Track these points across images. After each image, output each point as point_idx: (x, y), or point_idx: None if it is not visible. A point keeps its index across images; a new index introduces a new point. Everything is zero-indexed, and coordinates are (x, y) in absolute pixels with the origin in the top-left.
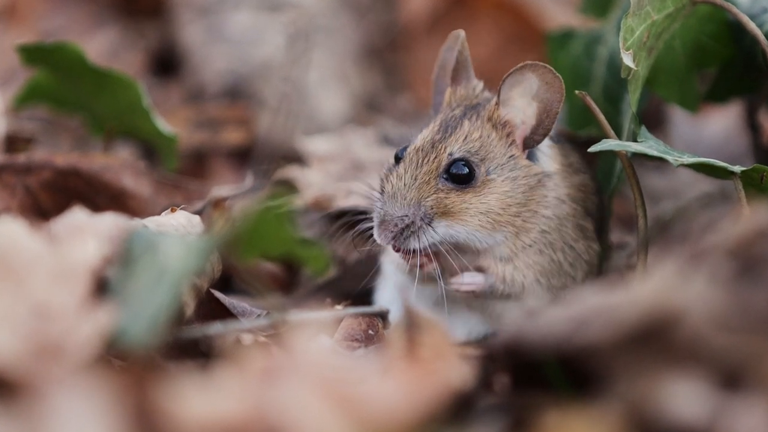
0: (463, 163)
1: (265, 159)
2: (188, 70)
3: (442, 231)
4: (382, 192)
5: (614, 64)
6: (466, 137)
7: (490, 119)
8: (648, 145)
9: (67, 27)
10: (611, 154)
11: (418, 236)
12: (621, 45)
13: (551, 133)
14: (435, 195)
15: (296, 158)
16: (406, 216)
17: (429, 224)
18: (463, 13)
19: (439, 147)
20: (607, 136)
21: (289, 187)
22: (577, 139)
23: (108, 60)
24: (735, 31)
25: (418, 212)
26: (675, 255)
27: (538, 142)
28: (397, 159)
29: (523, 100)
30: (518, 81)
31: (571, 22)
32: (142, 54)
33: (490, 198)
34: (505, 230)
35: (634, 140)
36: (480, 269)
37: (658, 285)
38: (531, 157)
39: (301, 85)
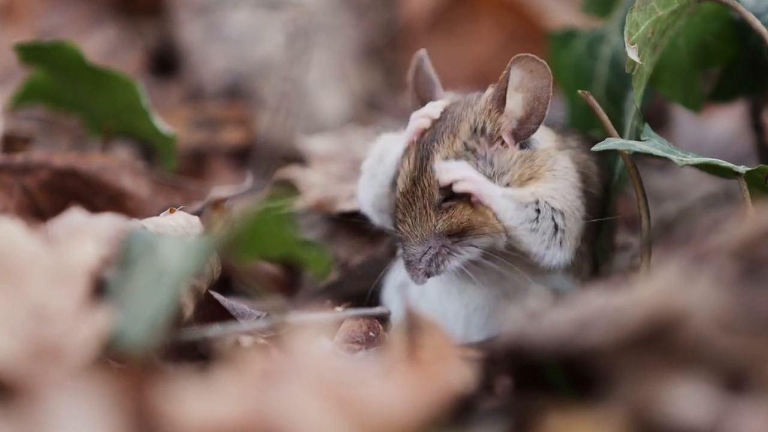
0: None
1: (264, 159)
2: (187, 69)
3: (470, 246)
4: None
5: (617, 64)
6: (446, 157)
7: (472, 128)
8: (652, 144)
9: (64, 25)
10: (613, 154)
11: (449, 259)
12: (626, 39)
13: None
14: (442, 223)
15: (296, 158)
16: (426, 253)
17: (452, 244)
18: (464, 12)
19: (422, 182)
20: (610, 136)
21: (289, 187)
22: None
23: (106, 59)
24: (740, 29)
25: (438, 244)
26: (678, 256)
27: (533, 130)
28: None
29: (508, 92)
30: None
31: (574, 21)
32: (141, 53)
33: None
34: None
35: (638, 138)
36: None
37: (661, 286)
38: (526, 144)
39: (300, 84)
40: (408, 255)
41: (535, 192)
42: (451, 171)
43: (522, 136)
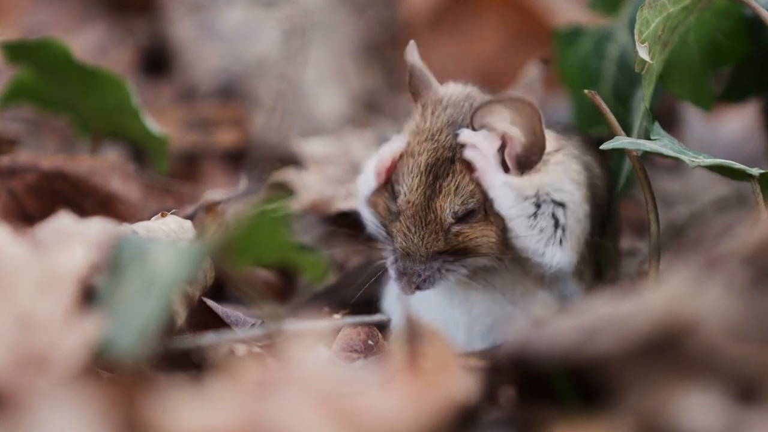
0: (465, 209)
1: (259, 161)
2: (179, 68)
3: (468, 261)
4: (391, 238)
5: (625, 63)
6: (458, 187)
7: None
8: (662, 143)
9: (52, 23)
10: (620, 155)
11: (445, 275)
12: (636, 37)
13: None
14: (448, 244)
15: (292, 160)
16: (425, 270)
17: (453, 262)
18: (467, 9)
19: (435, 206)
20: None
21: (285, 190)
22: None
23: (95, 57)
24: (753, 27)
25: (437, 263)
26: (689, 262)
27: (536, 161)
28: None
29: (502, 123)
30: (486, 114)
31: (580, 18)
32: (131, 51)
33: (491, 230)
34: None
35: (647, 138)
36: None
37: (671, 293)
38: None
39: (297, 83)
40: (405, 268)
41: (537, 183)
42: (472, 137)
43: (526, 165)
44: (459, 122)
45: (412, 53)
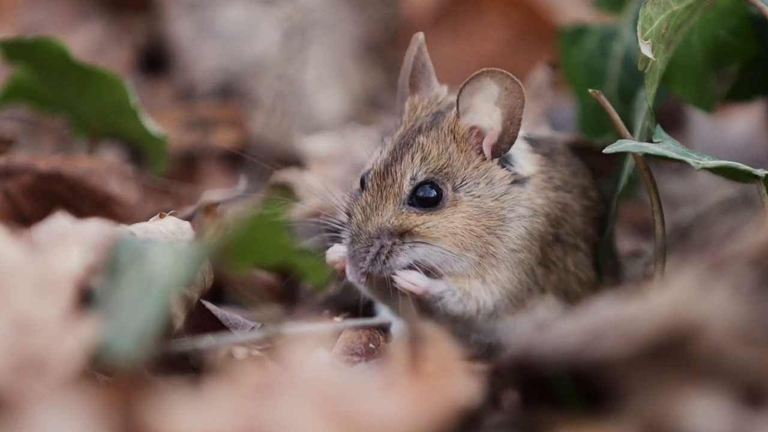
0: (429, 185)
1: (259, 161)
2: (178, 68)
3: (420, 251)
4: (348, 221)
5: (630, 62)
6: (424, 157)
7: (451, 131)
8: (666, 146)
9: (49, 21)
10: (625, 155)
11: (394, 256)
12: (639, 34)
13: (522, 137)
14: (397, 219)
15: (292, 161)
16: (372, 246)
17: (403, 243)
18: (469, 7)
19: (395, 170)
20: (622, 138)
21: (286, 191)
22: (592, 148)
23: (93, 56)
24: (758, 26)
25: (384, 235)
26: (694, 264)
27: (506, 150)
28: (363, 183)
29: (487, 106)
30: (477, 88)
31: (585, 16)
32: (129, 50)
33: (456, 218)
34: (472, 253)
35: (649, 139)
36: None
37: (676, 295)
38: (506, 161)
39: (297, 83)
40: (354, 251)
41: (466, 289)
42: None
43: (496, 154)
44: (442, 113)
45: (420, 46)
